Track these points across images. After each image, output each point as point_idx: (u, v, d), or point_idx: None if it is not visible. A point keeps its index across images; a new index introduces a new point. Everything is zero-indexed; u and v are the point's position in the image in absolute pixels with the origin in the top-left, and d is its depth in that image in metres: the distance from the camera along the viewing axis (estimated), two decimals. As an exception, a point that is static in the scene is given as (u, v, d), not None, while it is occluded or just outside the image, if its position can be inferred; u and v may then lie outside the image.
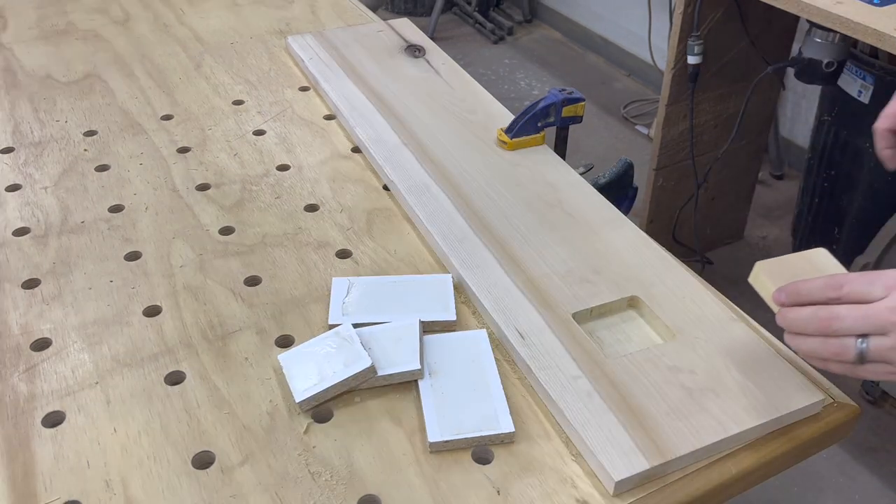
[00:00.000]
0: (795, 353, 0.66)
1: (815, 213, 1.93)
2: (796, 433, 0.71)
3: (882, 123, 0.76)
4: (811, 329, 0.62)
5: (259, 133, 1.11)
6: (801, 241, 2.02)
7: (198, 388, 0.74)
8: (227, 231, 0.94)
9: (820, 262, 0.72)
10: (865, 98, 1.67)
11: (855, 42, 1.65)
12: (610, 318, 0.82)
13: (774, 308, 0.68)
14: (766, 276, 0.70)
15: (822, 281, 0.63)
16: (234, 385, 0.75)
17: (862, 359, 0.60)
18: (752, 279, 0.72)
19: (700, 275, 0.88)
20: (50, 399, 0.73)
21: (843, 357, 0.61)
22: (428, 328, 0.80)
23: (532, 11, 3.81)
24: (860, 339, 0.60)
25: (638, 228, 0.92)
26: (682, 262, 0.89)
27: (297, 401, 0.71)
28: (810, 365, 0.66)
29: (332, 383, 0.71)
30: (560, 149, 1.26)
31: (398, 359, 0.74)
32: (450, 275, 0.86)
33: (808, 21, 1.52)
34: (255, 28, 1.40)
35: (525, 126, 1.05)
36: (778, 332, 0.70)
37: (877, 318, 0.59)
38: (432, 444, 0.69)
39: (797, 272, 0.70)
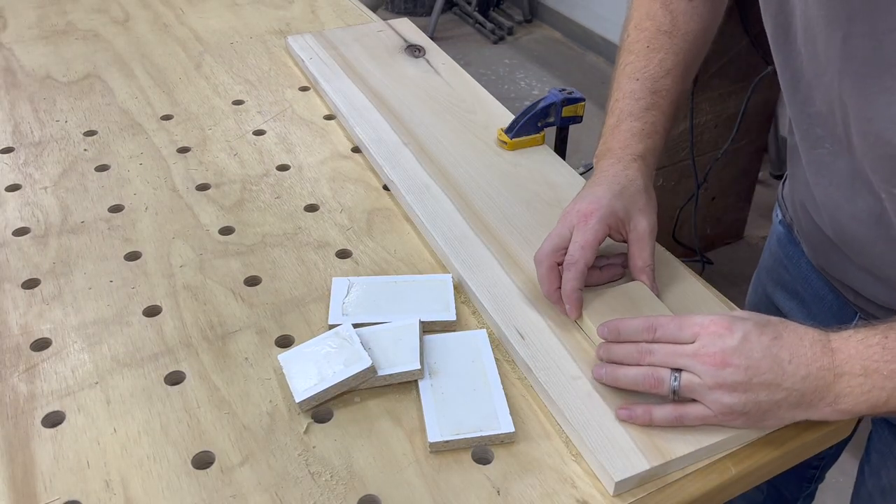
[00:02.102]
0: (614, 385, 0.71)
1: (815, 213, 1.93)
2: (796, 433, 0.71)
3: (544, 262, 0.80)
4: (630, 361, 0.70)
5: (259, 133, 1.11)
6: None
7: (198, 388, 0.74)
8: (227, 231, 0.93)
9: (637, 295, 0.79)
10: (865, 98, 1.67)
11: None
12: (610, 318, 0.82)
13: (595, 340, 0.75)
14: (585, 311, 0.77)
15: (639, 322, 0.70)
16: (234, 385, 0.75)
17: (676, 394, 0.67)
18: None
19: (700, 275, 0.88)
20: (50, 399, 0.73)
21: (659, 389, 0.67)
22: (428, 328, 0.80)
23: (532, 11, 3.81)
24: (673, 375, 0.67)
25: (638, 228, 0.92)
26: (682, 262, 0.89)
27: (297, 401, 0.71)
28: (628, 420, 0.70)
29: (332, 383, 0.71)
30: (560, 149, 1.26)
31: (398, 359, 0.74)
32: (450, 275, 0.86)
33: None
34: (255, 28, 1.40)
35: (525, 126, 1.05)
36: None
37: (683, 357, 0.67)
38: (432, 444, 0.68)
39: (615, 305, 0.78)
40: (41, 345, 0.79)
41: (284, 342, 0.80)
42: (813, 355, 0.64)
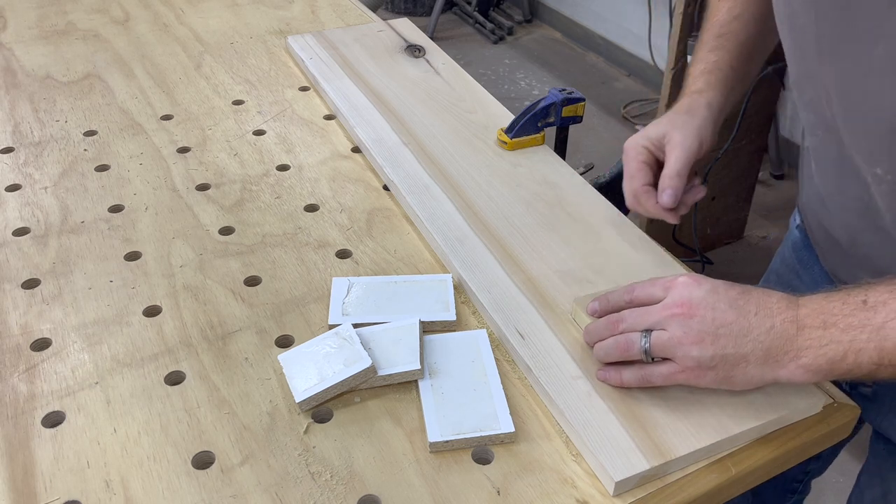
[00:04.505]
0: (597, 359, 0.73)
1: (815, 213, 1.93)
2: (796, 433, 0.71)
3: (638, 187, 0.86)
4: (605, 334, 0.72)
5: (259, 133, 1.11)
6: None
7: (198, 388, 0.74)
8: (227, 231, 0.94)
9: None
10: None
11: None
12: (610, 318, 0.82)
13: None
14: (583, 312, 0.78)
15: (622, 288, 0.74)
16: (234, 385, 0.75)
17: (647, 354, 0.68)
18: (572, 315, 0.80)
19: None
20: (50, 399, 0.73)
21: (631, 352, 0.69)
22: (428, 328, 0.80)
23: (532, 11, 3.81)
24: (643, 336, 0.68)
25: (638, 228, 0.92)
26: (682, 262, 0.89)
27: (297, 401, 0.71)
28: (607, 383, 0.73)
29: (332, 383, 0.71)
30: (560, 149, 1.26)
31: (398, 359, 0.74)
32: (450, 275, 0.86)
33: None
34: (255, 28, 1.40)
35: (525, 126, 1.05)
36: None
37: (652, 315, 0.68)
38: (432, 444, 0.69)
39: None
40: (41, 345, 0.79)
41: (284, 342, 0.80)
42: (779, 309, 0.65)
